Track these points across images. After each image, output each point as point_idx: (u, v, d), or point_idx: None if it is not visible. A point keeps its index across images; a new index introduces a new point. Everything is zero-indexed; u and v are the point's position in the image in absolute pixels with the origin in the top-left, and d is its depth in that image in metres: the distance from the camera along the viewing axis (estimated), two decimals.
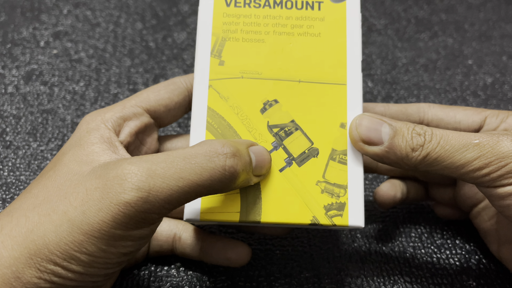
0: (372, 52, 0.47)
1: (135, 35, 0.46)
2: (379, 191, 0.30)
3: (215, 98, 0.26)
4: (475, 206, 0.30)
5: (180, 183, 0.20)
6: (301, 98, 0.26)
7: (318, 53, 0.26)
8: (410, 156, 0.24)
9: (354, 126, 0.25)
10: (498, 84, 0.44)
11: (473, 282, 0.30)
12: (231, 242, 0.28)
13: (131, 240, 0.20)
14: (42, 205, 0.21)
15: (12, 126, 0.38)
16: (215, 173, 0.21)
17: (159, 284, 0.29)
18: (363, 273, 0.30)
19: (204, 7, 0.27)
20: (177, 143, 0.29)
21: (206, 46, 0.26)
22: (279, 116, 0.26)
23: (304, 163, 0.25)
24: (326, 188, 0.25)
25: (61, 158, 0.23)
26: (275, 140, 0.25)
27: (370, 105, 0.30)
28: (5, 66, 0.42)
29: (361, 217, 0.24)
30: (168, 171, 0.20)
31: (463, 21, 0.51)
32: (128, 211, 0.19)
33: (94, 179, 0.20)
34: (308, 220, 0.24)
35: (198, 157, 0.21)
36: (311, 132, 0.25)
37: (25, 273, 0.19)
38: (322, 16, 0.27)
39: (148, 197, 0.19)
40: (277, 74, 0.26)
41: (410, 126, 0.24)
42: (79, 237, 0.19)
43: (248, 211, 0.24)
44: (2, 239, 0.20)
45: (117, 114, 0.25)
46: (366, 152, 0.24)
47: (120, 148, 0.24)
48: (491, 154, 0.23)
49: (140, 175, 0.19)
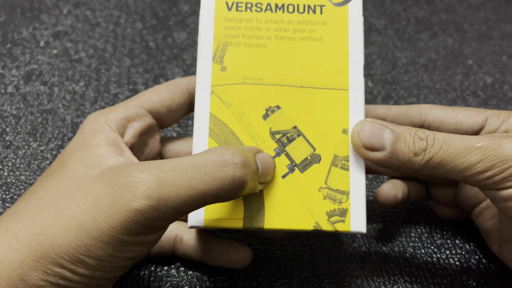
0: (372, 52, 0.47)
1: (135, 35, 0.46)
2: (380, 192, 0.30)
3: (217, 104, 0.26)
4: (477, 205, 0.30)
5: (189, 192, 0.20)
6: (303, 104, 0.26)
7: (320, 58, 0.26)
8: (413, 161, 0.24)
9: (356, 132, 0.25)
10: (498, 84, 0.44)
11: (473, 282, 0.30)
12: (232, 244, 0.28)
13: (138, 245, 0.21)
14: (49, 208, 0.20)
15: (12, 126, 0.38)
16: (224, 183, 0.21)
17: (159, 284, 0.29)
18: (363, 273, 0.30)
19: (205, 11, 0.27)
20: (180, 146, 0.29)
21: (208, 52, 0.26)
22: (282, 122, 0.26)
23: (306, 169, 0.25)
24: (328, 194, 0.25)
25: (66, 160, 0.23)
26: (277, 147, 0.25)
27: (372, 107, 0.30)
28: (5, 66, 0.42)
29: (363, 222, 0.24)
30: (178, 179, 0.20)
31: (463, 21, 0.51)
32: (138, 218, 0.19)
33: (103, 184, 0.20)
34: (311, 226, 0.24)
35: (208, 166, 0.21)
36: (313, 138, 0.25)
37: (31, 275, 0.19)
38: (324, 20, 0.27)
39: (157, 205, 0.19)
40: (279, 79, 0.26)
41: (412, 131, 0.24)
42: (88, 242, 0.19)
43: (252, 218, 0.24)
44: (8, 241, 0.20)
45: (121, 115, 0.25)
46: (369, 158, 0.24)
47: (126, 150, 0.24)
48: (494, 157, 0.23)
49: (151, 183, 0.20)
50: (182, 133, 0.39)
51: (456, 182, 0.31)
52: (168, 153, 0.29)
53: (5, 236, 0.20)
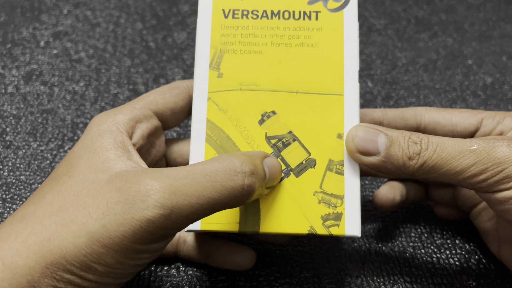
0: (372, 52, 0.47)
1: (135, 35, 0.46)
2: (378, 194, 0.31)
3: (214, 110, 0.26)
4: (475, 206, 0.30)
5: (200, 201, 0.20)
6: (298, 109, 0.26)
7: (316, 64, 0.26)
8: (407, 165, 0.24)
9: (350, 137, 0.25)
10: (498, 84, 0.44)
11: (473, 282, 0.30)
12: (237, 246, 0.28)
13: (149, 252, 0.21)
14: (59, 214, 0.20)
15: (12, 126, 0.38)
16: (234, 191, 0.21)
17: (159, 284, 0.29)
18: (363, 273, 0.30)
19: (202, 19, 0.27)
20: (184, 147, 0.29)
21: (205, 59, 0.27)
22: (277, 127, 0.26)
23: (301, 173, 0.25)
24: (323, 199, 0.25)
25: (75, 163, 0.23)
26: (273, 151, 0.26)
27: (368, 111, 0.30)
28: (5, 66, 0.42)
29: (358, 226, 0.25)
30: (190, 188, 0.20)
31: (463, 21, 0.51)
32: (150, 227, 0.19)
33: (114, 191, 0.20)
34: (306, 230, 0.25)
35: (219, 175, 0.21)
36: (309, 143, 0.26)
37: (40, 282, 0.19)
38: (320, 26, 0.27)
39: (170, 214, 0.19)
40: (275, 85, 0.26)
41: (406, 135, 0.24)
42: (98, 250, 0.19)
43: (247, 222, 0.25)
44: (18, 247, 0.19)
45: (128, 115, 0.25)
46: (363, 163, 0.25)
47: (133, 153, 0.24)
48: (487, 160, 0.23)
49: (163, 192, 0.19)
50: (182, 133, 0.39)
51: None
52: (173, 154, 0.29)
53: (14, 241, 0.20)
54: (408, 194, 0.31)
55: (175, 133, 0.39)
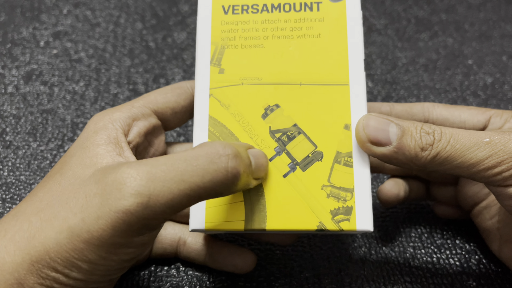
0: (372, 52, 0.47)
1: (135, 35, 0.46)
2: (383, 190, 0.30)
3: (216, 106, 0.26)
4: (477, 204, 0.30)
5: (181, 186, 0.19)
6: (302, 101, 0.25)
7: (319, 55, 0.26)
8: (420, 156, 0.23)
9: (361, 126, 0.24)
10: (498, 84, 0.44)
11: (473, 282, 0.30)
12: (237, 249, 0.28)
13: (133, 247, 0.20)
14: (45, 210, 0.20)
15: (12, 126, 0.38)
16: (217, 175, 0.20)
17: (159, 284, 0.29)
18: (363, 273, 0.30)
19: (202, 16, 0.27)
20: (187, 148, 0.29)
21: (206, 55, 0.26)
22: (281, 120, 0.25)
23: (308, 167, 0.24)
24: (331, 192, 0.24)
25: (67, 161, 0.23)
26: (277, 146, 0.25)
27: (376, 104, 0.29)
28: (5, 66, 0.42)
29: (370, 220, 0.24)
30: (169, 174, 0.19)
31: (463, 21, 0.51)
32: (128, 218, 0.18)
33: (93, 184, 0.20)
34: (314, 226, 0.24)
35: (200, 159, 0.20)
36: (315, 135, 0.25)
37: (27, 279, 0.19)
38: (322, 17, 0.26)
39: (148, 202, 0.18)
40: (278, 78, 0.26)
41: (418, 125, 0.23)
42: (79, 245, 0.19)
43: (253, 219, 0.24)
44: (5, 244, 0.19)
45: (126, 113, 0.25)
46: (374, 153, 0.24)
47: (126, 149, 0.23)
48: (503, 153, 0.22)
49: (140, 178, 0.19)
50: (182, 133, 0.39)
51: (456, 181, 0.31)
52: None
53: (3, 238, 0.20)
54: (410, 191, 0.31)
55: (175, 133, 0.39)
